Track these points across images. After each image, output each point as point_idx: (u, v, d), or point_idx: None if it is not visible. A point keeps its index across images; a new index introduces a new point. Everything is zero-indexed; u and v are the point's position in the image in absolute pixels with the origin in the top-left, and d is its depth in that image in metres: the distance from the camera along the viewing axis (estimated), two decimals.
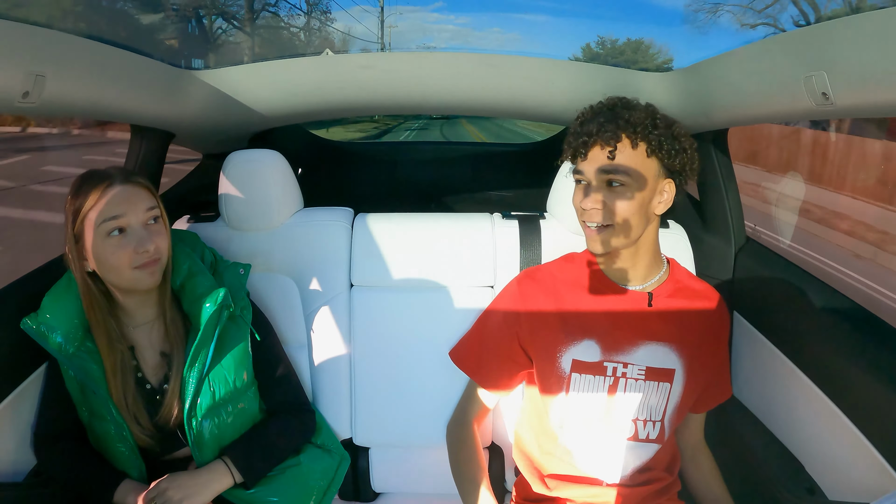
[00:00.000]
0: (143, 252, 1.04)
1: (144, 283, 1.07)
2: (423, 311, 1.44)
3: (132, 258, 1.04)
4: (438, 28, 29.05)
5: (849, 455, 1.03)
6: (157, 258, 1.07)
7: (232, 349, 1.15)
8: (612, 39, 22.23)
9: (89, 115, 1.17)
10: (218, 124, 1.58)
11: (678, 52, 25.90)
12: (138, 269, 1.05)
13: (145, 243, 1.05)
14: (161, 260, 1.09)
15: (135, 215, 1.05)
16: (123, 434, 1.08)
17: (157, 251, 1.07)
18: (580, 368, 1.13)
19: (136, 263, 1.05)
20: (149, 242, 1.05)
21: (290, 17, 19.04)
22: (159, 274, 1.09)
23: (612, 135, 1.03)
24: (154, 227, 1.08)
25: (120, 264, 1.04)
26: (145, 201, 1.07)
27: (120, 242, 1.04)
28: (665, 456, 1.19)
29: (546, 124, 2.10)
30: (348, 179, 2.57)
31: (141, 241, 1.04)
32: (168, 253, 1.12)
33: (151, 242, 1.06)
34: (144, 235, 1.05)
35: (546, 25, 23.40)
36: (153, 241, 1.06)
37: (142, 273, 1.05)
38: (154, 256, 1.06)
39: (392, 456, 1.49)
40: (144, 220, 1.07)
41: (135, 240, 1.04)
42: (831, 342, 1.11)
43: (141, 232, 1.05)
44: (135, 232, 1.05)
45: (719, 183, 1.45)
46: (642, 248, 1.12)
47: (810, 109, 0.97)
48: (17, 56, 0.85)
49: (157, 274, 1.08)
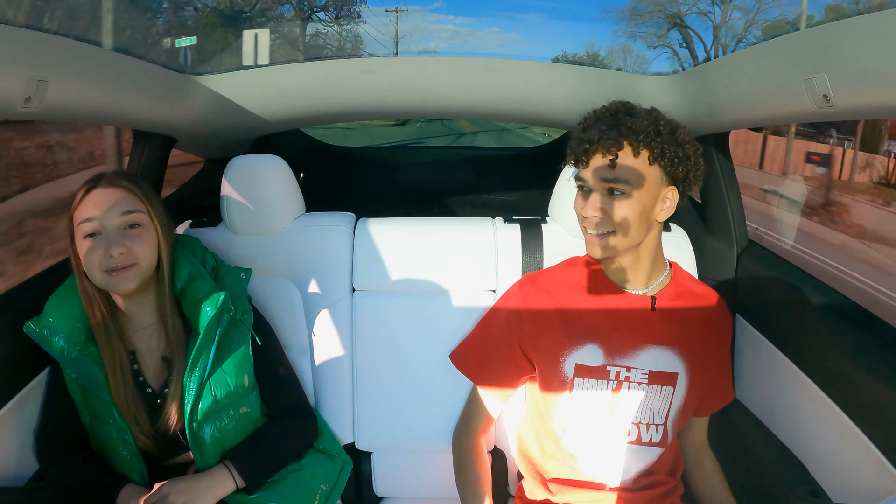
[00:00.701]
0: (108, 256, 1.03)
1: (116, 287, 1.05)
2: (425, 316, 1.44)
3: (101, 261, 1.03)
4: (438, 28, 29.26)
5: (853, 457, 1.03)
6: (128, 264, 1.05)
7: (233, 353, 1.15)
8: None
9: (91, 121, 1.18)
10: (219, 129, 1.58)
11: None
12: (107, 272, 1.04)
13: (112, 248, 1.03)
14: (138, 266, 1.06)
15: (108, 218, 1.04)
16: (125, 438, 1.08)
17: (127, 257, 1.04)
18: (583, 372, 1.13)
19: (105, 267, 1.03)
20: (116, 247, 1.03)
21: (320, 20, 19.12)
22: (134, 281, 1.06)
23: (614, 142, 1.02)
24: (131, 232, 1.06)
25: (91, 265, 1.04)
26: (124, 205, 1.06)
27: (92, 244, 1.04)
28: (668, 460, 1.19)
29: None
30: (350, 184, 2.57)
31: (109, 245, 1.03)
32: (151, 259, 1.09)
33: (120, 247, 1.03)
34: (114, 239, 1.04)
35: (545, 25, 23.45)
36: (124, 245, 1.04)
37: (110, 278, 1.04)
38: (124, 262, 1.04)
39: (395, 460, 1.49)
40: (119, 223, 1.05)
41: (104, 242, 1.03)
42: (834, 344, 1.10)
43: (113, 235, 1.04)
44: (107, 235, 1.04)
45: (721, 186, 1.45)
46: (644, 252, 1.12)
47: (811, 111, 0.97)
48: (20, 61, 0.86)
49: (130, 280, 1.05)
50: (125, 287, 1.06)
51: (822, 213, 10.20)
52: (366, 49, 19.97)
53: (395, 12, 19.68)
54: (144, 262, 1.08)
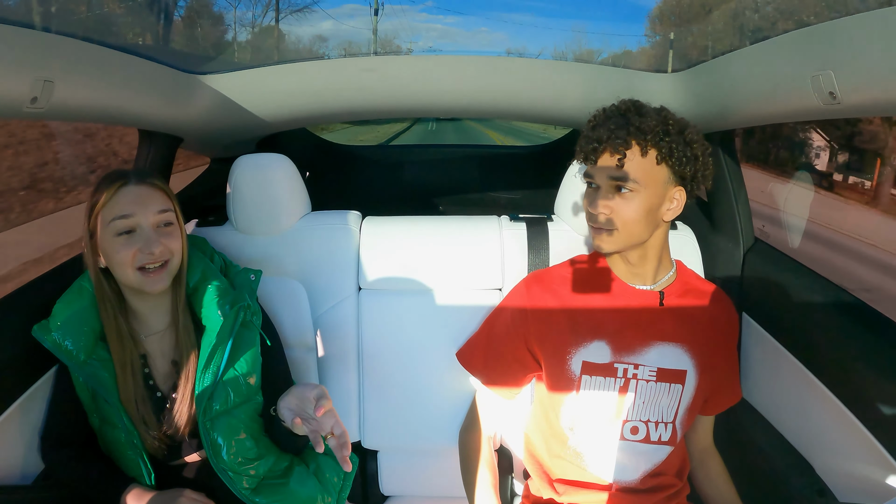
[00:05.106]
0: (147, 253, 1.04)
1: (150, 286, 1.06)
2: (430, 314, 1.44)
3: (136, 258, 1.04)
4: (426, 27, 29.28)
5: (859, 457, 1.02)
6: (163, 261, 1.06)
7: (245, 353, 1.14)
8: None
9: (97, 120, 1.18)
10: (225, 128, 1.58)
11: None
12: (141, 271, 1.05)
13: (151, 245, 1.04)
14: (171, 263, 1.08)
15: (144, 216, 1.05)
16: (133, 441, 1.08)
17: (163, 253, 1.06)
18: (590, 370, 1.13)
19: (139, 263, 1.04)
20: (155, 244, 1.04)
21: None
22: (167, 278, 1.08)
23: (623, 142, 1.03)
24: (165, 230, 1.08)
25: (124, 263, 1.04)
26: (158, 203, 1.07)
27: (126, 242, 1.04)
28: (675, 459, 1.18)
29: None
30: (356, 183, 2.57)
31: (147, 243, 1.04)
32: (181, 257, 1.11)
33: (158, 244, 1.05)
34: (152, 237, 1.05)
35: (532, 25, 23.49)
36: (161, 243, 1.05)
37: (146, 278, 1.05)
38: (160, 259, 1.06)
39: (401, 459, 1.49)
40: (155, 221, 1.07)
41: (141, 240, 1.04)
42: (841, 343, 1.10)
43: (149, 233, 1.05)
44: (143, 233, 1.05)
45: (727, 184, 1.44)
46: (651, 249, 1.12)
47: (817, 108, 0.96)
48: (26, 61, 0.86)
49: (164, 280, 1.07)
50: (160, 286, 1.07)
51: None
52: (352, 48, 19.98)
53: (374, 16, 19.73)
54: (176, 261, 1.10)
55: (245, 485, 1.12)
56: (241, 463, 1.12)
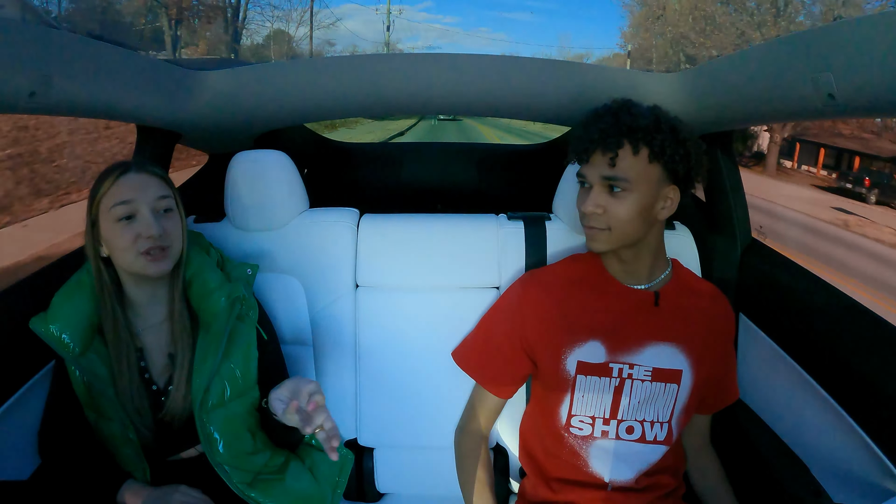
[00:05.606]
0: (148, 237, 1.05)
1: (153, 269, 1.07)
2: (427, 312, 1.44)
3: (137, 242, 1.05)
4: (426, 27, 29.19)
5: (855, 458, 1.03)
6: (164, 245, 1.08)
7: (241, 346, 1.15)
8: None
9: (95, 116, 1.18)
10: (223, 125, 1.58)
11: None
12: (145, 255, 1.06)
13: (152, 229, 1.06)
14: (172, 248, 1.09)
15: (144, 202, 1.07)
16: (129, 435, 1.08)
17: (164, 238, 1.07)
18: (585, 370, 1.13)
19: (142, 248, 1.06)
20: (156, 228, 1.06)
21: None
22: (170, 262, 1.09)
23: (615, 141, 1.03)
24: (165, 216, 1.10)
25: (126, 248, 1.06)
26: (157, 189, 1.09)
27: (127, 226, 1.06)
28: (671, 459, 1.19)
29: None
30: (354, 180, 2.57)
31: (148, 227, 1.06)
32: (182, 244, 1.13)
33: (159, 228, 1.06)
34: (152, 221, 1.06)
35: (532, 25, 23.37)
36: (161, 225, 1.07)
37: (148, 262, 1.06)
38: (160, 243, 1.07)
39: (397, 456, 1.49)
40: (155, 207, 1.08)
41: (142, 225, 1.06)
42: (837, 344, 1.10)
43: (149, 218, 1.07)
44: (143, 218, 1.07)
45: (724, 184, 1.44)
46: (645, 248, 1.12)
47: (817, 110, 0.96)
48: (24, 56, 0.86)
49: (167, 262, 1.09)
50: (162, 268, 1.08)
51: None
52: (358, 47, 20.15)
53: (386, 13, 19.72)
54: (177, 246, 1.11)
55: (241, 479, 1.12)
56: (237, 457, 1.12)
